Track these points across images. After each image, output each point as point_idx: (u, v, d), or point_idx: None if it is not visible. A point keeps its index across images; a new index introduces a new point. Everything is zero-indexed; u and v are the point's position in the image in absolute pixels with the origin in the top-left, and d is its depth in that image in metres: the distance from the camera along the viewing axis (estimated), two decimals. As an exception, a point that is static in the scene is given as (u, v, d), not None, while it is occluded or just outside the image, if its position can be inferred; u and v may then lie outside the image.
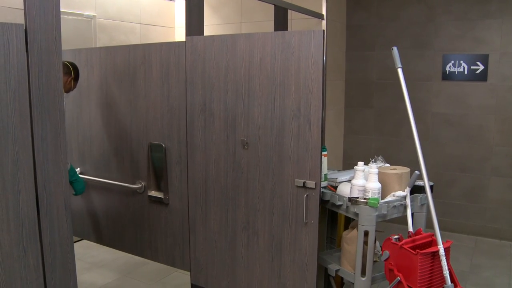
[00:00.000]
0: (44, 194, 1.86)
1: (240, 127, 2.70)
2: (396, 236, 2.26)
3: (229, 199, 2.80)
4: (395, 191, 2.50)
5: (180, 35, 5.45)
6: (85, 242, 3.80)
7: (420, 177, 2.36)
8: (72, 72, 3.08)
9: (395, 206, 2.44)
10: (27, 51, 1.75)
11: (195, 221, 2.96)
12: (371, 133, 5.21)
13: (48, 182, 1.87)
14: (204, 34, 2.90)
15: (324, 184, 2.71)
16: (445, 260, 2.13)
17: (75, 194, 3.18)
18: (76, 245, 3.38)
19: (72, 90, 3.14)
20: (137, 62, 3.07)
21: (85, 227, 3.57)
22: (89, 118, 3.39)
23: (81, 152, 3.46)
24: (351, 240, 2.56)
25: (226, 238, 2.85)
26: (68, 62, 3.11)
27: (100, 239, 3.53)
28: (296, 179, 2.54)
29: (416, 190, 2.60)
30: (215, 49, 2.72)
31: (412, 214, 2.49)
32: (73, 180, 3.12)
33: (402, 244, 2.18)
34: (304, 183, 2.51)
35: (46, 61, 1.81)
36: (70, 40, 4.05)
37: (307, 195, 2.51)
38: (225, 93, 2.73)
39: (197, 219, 2.95)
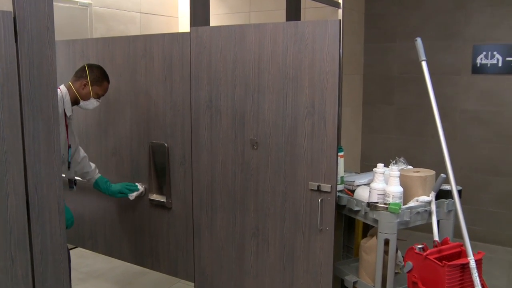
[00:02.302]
0: (36, 197, 1.85)
1: (249, 125, 2.69)
2: (420, 246, 2.24)
3: (237, 203, 2.80)
4: (418, 196, 2.48)
5: (184, 25, 5.44)
6: (79, 250, 3.82)
7: (446, 180, 2.35)
8: (88, 76, 2.89)
9: (418, 212, 2.42)
10: (16, 41, 1.74)
11: (200, 227, 2.96)
12: (392, 132, 5.18)
13: (40, 184, 1.87)
14: (210, 25, 2.89)
15: (340, 187, 2.70)
16: (476, 274, 2.09)
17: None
18: (70, 253, 3.36)
19: (95, 99, 2.92)
20: (137, 55, 3.07)
21: (79, 234, 3.58)
22: (85, 116, 3.39)
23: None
24: (370, 249, 2.55)
25: (234, 246, 2.85)
26: (89, 64, 2.95)
27: (96, 247, 3.53)
28: (309, 182, 2.54)
29: (442, 195, 2.58)
30: (222, 41, 2.72)
31: (438, 222, 2.47)
32: None
33: (427, 255, 2.16)
34: (318, 186, 2.51)
35: (37, 52, 1.80)
36: (64, 30, 4.05)
37: (321, 200, 2.50)
38: (233, 89, 2.72)
39: (202, 224, 2.95)
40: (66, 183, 3.08)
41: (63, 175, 2.59)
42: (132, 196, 3.13)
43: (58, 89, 2.82)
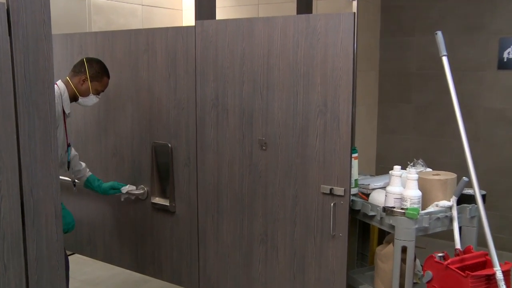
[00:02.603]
0: (31, 200, 1.85)
1: (257, 124, 2.69)
2: (440, 254, 2.21)
3: (244, 207, 2.80)
4: (438, 201, 2.46)
5: (188, 18, 5.44)
6: (77, 256, 3.81)
7: (469, 184, 2.33)
8: (87, 71, 2.89)
9: (438, 218, 2.41)
10: (10, 35, 1.74)
11: (205, 232, 2.96)
12: (410, 133, 5.15)
13: (35, 186, 1.87)
14: (217, 18, 2.89)
15: (354, 191, 2.70)
16: (504, 287, 2.06)
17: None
18: (69, 258, 3.35)
19: (95, 95, 2.93)
20: (139, 50, 3.08)
21: (77, 239, 3.59)
22: (83, 114, 3.40)
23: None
24: (386, 257, 2.53)
25: (241, 252, 2.85)
26: (87, 58, 2.95)
27: (95, 253, 3.54)
28: (322, 185, 2.53)
29: (465, 200, 2.56)
30: (229, 35, 2.72)
31: (460, 228, 2.45)
32: None
33: (449, 264, 2.13)
34: (331, 189, 2.50)
35: (33, 47, 1.80)
36: (61, 23, 4.06)
37: (334, 204, 2.50)
38: (240, 86, 2.72)
39: (208, 230, 2.95)
40: (70, 184, 3.11)
41: (61, 177, 2.59)
42: (125, 189, 3.12)
43: (56, 86, 2.82)
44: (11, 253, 1.79)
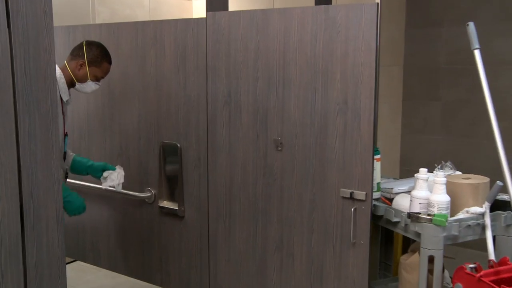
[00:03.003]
0: (31, 203, 1.86)
1: (272, 123, 2.69)
2: (472, 265, 2.19)
3: (258, 212, 2.80)
4: (469, 207, 2.44)
5: (199, 9, 5.45)
6: (79, 264, 3.83)
7: (504, 189, 2.30)
8: (85, 55, 2.85)
9: (469, 225, 2.38)
10: (9, 27, 1.75)
11: (216, 239, 2.97)
12: (437, 133, 5.11)
13: (36, 188, 1.88)
14: (229, 9, 2.88)
15: (376, 195, 2.68)
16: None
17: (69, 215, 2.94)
18: (68, 267, 3.39)
19: (93, 81, 2.90)
20: (146, 43, 3.09)
21: (79, 246, 3.60)
22: (87, 111, 3.42)
23: (76, 151, 3.48)
24: (412, 267, 2.52)
25: (254, 260, 2.85)
26: (87, 41, 2.91)
27: (98, 261, 3.55)
28: (341, 189, 2.53)
29: (499, 206, 2.54)
30: (242, 28, 2.72)
31: (494, 238, 2.42)
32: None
33: (482, 276, 2.10)
34: (351, 193, 2.50)
35: (34, 40, 1.81)
36: (63, 14, 4.08)
37: (355, 209, 2.50)
38: (254, 82, 2.72)
39: (219, 236, 2.95)
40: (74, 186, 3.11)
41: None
42: (107, 183, 3.01)
43: None
44: (9, 259, 1.80)
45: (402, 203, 2.55)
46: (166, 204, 3.15)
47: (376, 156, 2.59)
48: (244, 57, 2.73)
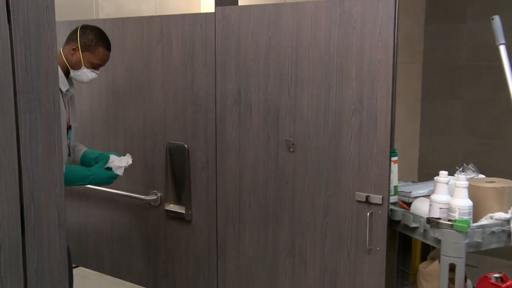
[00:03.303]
0: (32, 206, 1.86)
1: (284, 123, 2.70)
2: (497, 275, 2.18)
3: (269, 217, 2.81)
4: (493, 212, 2.42)
5: (207, 4, 5.45)
6: (81, 270, 3.84)
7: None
8: (78, 39, 2.73)
9: (493, 232, 2.37)
10: (9, 22, 1.75)
11: (225, 244, 2.97)
12: (459, 133, 5.08)
13: (37, 191, 1.88)
14: (239, 3, 2.88)
15: (393, 199, 2.67)
16: None
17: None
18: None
19: (89, 69, 2.75)
20: (152, 39, 3.10)
21: (82, 251, 3.62)
22: (90, 111, 3.44)
23: (82, 153, 3.51)
24: (431, 276, 2.51)
25: (265, 267, 2.85)
26: (83, 25, 2.80)
27: (101, 267, 3.57)
28: (356, 192, 2.53)
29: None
30: (253, 23, 2.73)
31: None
32: None
33: (508, 287, 2.09)
34: (367, 197, 2.50)
35: (35, 35, 1.81)
36: (65, 9, 4.09)
37: (371, 213, 2.49)
38: (265, 80, 2.73)
39: (228, 241, 2.96)
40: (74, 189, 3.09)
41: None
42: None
43: None
44: (8, 264, 1.80)
45: (421, 207, 2.54)
46: (172, 207, 3.16)
47: (393, 158, 2.59)
48: (255, 53, 2.74)
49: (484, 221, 2.40)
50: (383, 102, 2.42)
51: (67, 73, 2.77)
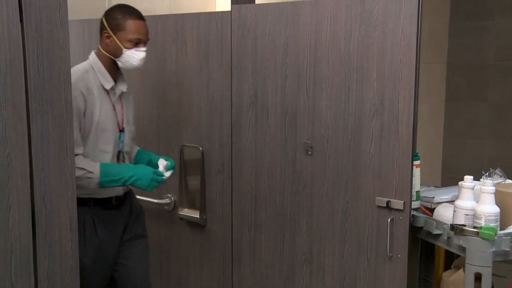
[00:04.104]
0: (43, 210, 1.88)
1: (302, 126, 2.70)
2: None
3: (286, 222, 2.81)
4: (521, 219, 2.41)
5: (223, 2, 5.46)
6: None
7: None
8: (105, 24, 2.62)
9: (522, 240, 2.36)
10: (21, 21, 1.77)
11: (240, 250, 2.98)
12: (485, 136, 5.05)
13: (48, 194, 1.89)
14: (256, 2, 2.89)
15: (415, 204, 2.67)
16: None
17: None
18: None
19: (132, 49, 2.60)
20: (167, 39, 3.12)
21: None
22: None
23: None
24: (455, 286, 2.51)
25: (281, 274, 2.85)
26: (107, 10, 2.69)
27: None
28: (377, 197, 2.53)
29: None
30: (270, 22, 2.74)
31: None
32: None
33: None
34: (388, 202, 2.49)
35: (47, 35, 1.83)
36: (78, 8, 4.12)
37: (392, 219, 2.49)
38: (283, 81, 2.73)
39: (243, 247, 2.97)
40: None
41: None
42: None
43: (87, 60, 2.69)
44: (19, 270, 1.82)
45: (445, 213, 2.54)
46: (186, 212, 3.16)
47: (416, 162, 2.58)
48: (272, 53, 2.74)
49: None
50: (405, 103, 2.42)
51: (114, 69, 2.66)
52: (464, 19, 5.05)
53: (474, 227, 2.32)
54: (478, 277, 2.31)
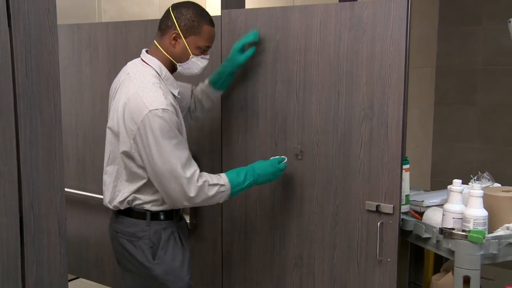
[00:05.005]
0: (32, 216, 1.86)
1: (292, 130, 2.70)
2: None
3: (276, 226, 2.81)
4: (509, 222, 2.43)
5: (213, 7, 5.46)
6: (82, 281, 3.84)
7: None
8: (175, 24, 2.40)
9: (510, 243, 2.36)
10: (9, 26, 1.75)
11: (230, 255, 2.98)
12: (473, 140, 5.07)
13: (37, 200, 1.88)
14: (246, 6, 2.89)
15: (405, 208, 2.67)
16: None
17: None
18: (70, 284, 3.41)
19: (198, 56, 2.45)
20: (158, 43, 3.09)
21: (83, 262, 3.62)
22: (92, 116, 3.44)
23: (80, 160, 3.52)
24: (444, 289, 2.48)
25: (272, 278, 2.85)
26: (174, 5, 2.46)
27: (102, 278, 3.57)
28: (367, 201, 2.53)
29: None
30: (260, 27, 2.74)
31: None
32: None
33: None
34: (377, 206, 2.49)
35: (36, 39, 1.82)
36: (67, 12, 4.12)
37: (381, 223, 2.49)
38: (273, 86, 2.74)
39: (234, 251, 2.96)
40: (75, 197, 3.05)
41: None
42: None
43: (142, 64, 2.44)
44: (6, 276, 1.80)
45: (434, 217, 2.54)
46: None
47: (405, 166, 2.58)
48: (262, 58, 2.74)
49: (500, 232, 2.40)
50: (394, 108, 2.42)
51: (171, 69, 2.48)
52: (453, 24, 5.08)
53: (463, 231, 2.33)
54: (466, 280, 2.31)
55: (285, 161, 2.61)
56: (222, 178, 2.44)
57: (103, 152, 3.31)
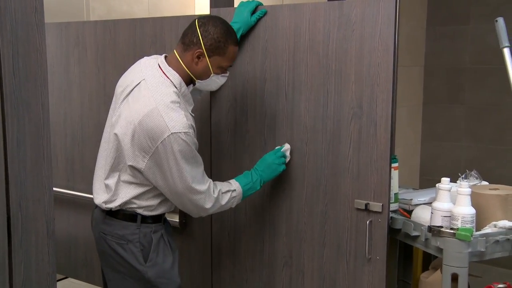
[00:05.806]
0: (19, 216, 1.85)
1: (281, 129, 2.70)
2: (501, 285, 2.19)
3: (265, 225, 2.81)
4: (497, 220, 2.43)
5: (202, 6, 5.46)
6: (71, 281, 3.83)
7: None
8: (201, 41, 2.32)
9: (497, 241, 2.37)
10: (-4, 25, 1.75)
11: (220, 253, 2.97)
12: (461, 139, 5.09)
13: (25, 200, 1.87)
14: (235, 5, 2.88)
15: (394, 207, 2.68)
16: None
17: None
18: (58, 284, 3.40)
19: (219, 75, 2.44)
20: (146, 42, 3.10)
21: (71, 261, 3.60)
22: (81, 116, 3.43)
23: (69, 159, 3.51)
24: (433, 286, 2.51)
25: (261, 277, 2.85)
26: (200, 18, 2.39)
27: (91, 278, 3.55)
28: (356, 200, 2.53)
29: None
30: (248, 25, 2.73)
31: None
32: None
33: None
34: (366, 205, 2.50)
35: (23, 38, 1.81)
36: (55, 11, 4.10)
37: (370, 222, 2.49)
38: (262, 85, 2.74)
39: (223, 250, 2.96)
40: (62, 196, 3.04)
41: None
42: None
43: (162, 76, 2.36)
44: (-6, 276, 1.80)
45: (422, 215, 2.55)
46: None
47: (394, 165, 2.59)
48: (251, 57, 2.74)
49: (487, 229, 2.41)
50: (383, 106, 2.43)
51: (188, 82, 2.43)
52: (441, 23, 5.10)
53: (451, 229, 2.34)
54: (454, 278, 2.32)
55: (284, 148, 2.62)
56: (232, 184, 2.51)
57: (92, 151, 3.30)
